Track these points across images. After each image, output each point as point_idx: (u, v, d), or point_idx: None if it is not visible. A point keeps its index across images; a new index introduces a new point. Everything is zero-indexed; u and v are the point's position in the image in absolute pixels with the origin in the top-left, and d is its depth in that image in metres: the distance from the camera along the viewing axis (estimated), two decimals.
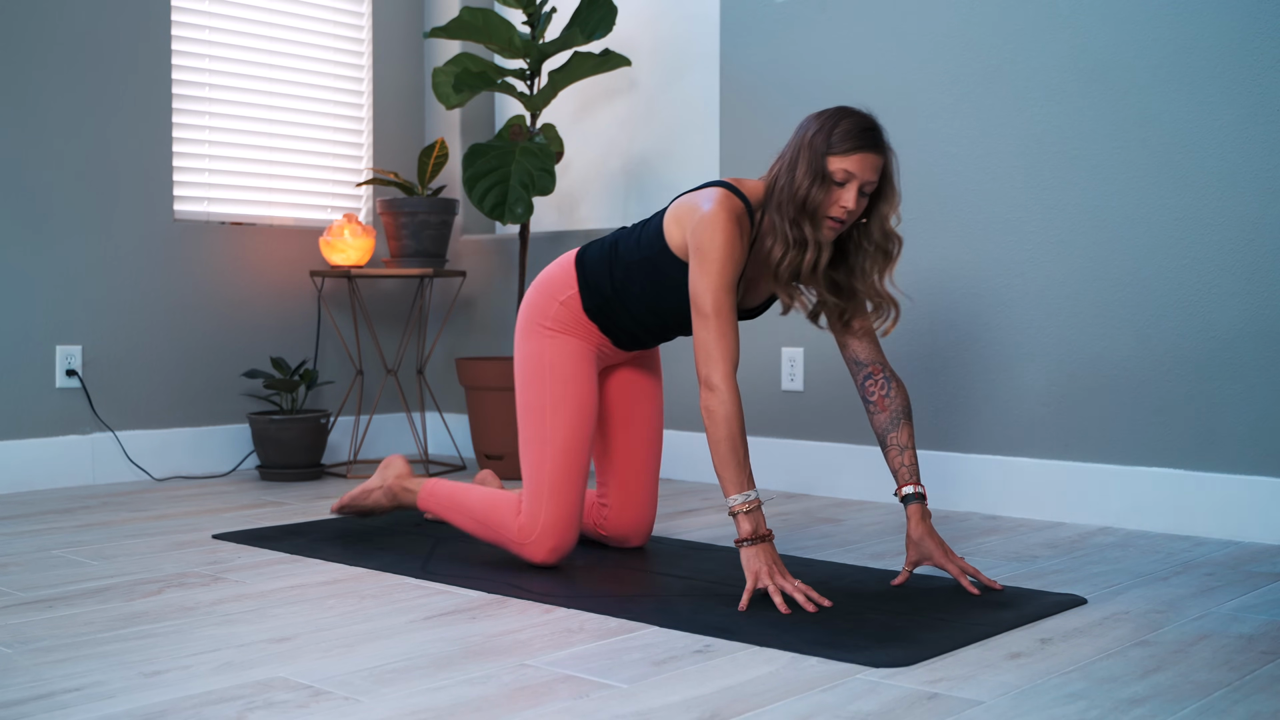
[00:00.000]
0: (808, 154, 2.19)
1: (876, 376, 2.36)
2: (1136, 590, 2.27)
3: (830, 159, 2.17)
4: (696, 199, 2.29)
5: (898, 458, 2.31)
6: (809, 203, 2.18)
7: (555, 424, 2.43)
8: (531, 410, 2.47)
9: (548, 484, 2.41)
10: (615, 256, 2.43)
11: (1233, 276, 2.79)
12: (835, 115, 2.21)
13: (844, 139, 2.17)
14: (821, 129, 2.19)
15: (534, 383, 2.47)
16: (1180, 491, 2.84)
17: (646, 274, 2.38)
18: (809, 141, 2.19)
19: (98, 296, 3.61)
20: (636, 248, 2.40)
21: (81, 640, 1.89)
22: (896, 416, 2.33)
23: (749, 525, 2.12)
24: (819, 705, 1.59)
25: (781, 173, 2.23)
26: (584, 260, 2.48)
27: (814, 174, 2.17)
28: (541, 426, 2.44)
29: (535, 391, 2.46)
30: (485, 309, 4.34)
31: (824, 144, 2.17)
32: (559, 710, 1.57)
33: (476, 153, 3.73)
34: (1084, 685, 1.69)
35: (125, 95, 3.66)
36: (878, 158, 2.19)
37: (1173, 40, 2.86)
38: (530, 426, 2.46)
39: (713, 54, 3.80)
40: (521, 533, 2.42)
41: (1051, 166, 3.03)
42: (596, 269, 2.45)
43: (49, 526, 2.89)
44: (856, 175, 2.17)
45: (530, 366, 2.48)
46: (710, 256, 2.20)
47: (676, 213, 2.33)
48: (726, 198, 2.24)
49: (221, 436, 3.86)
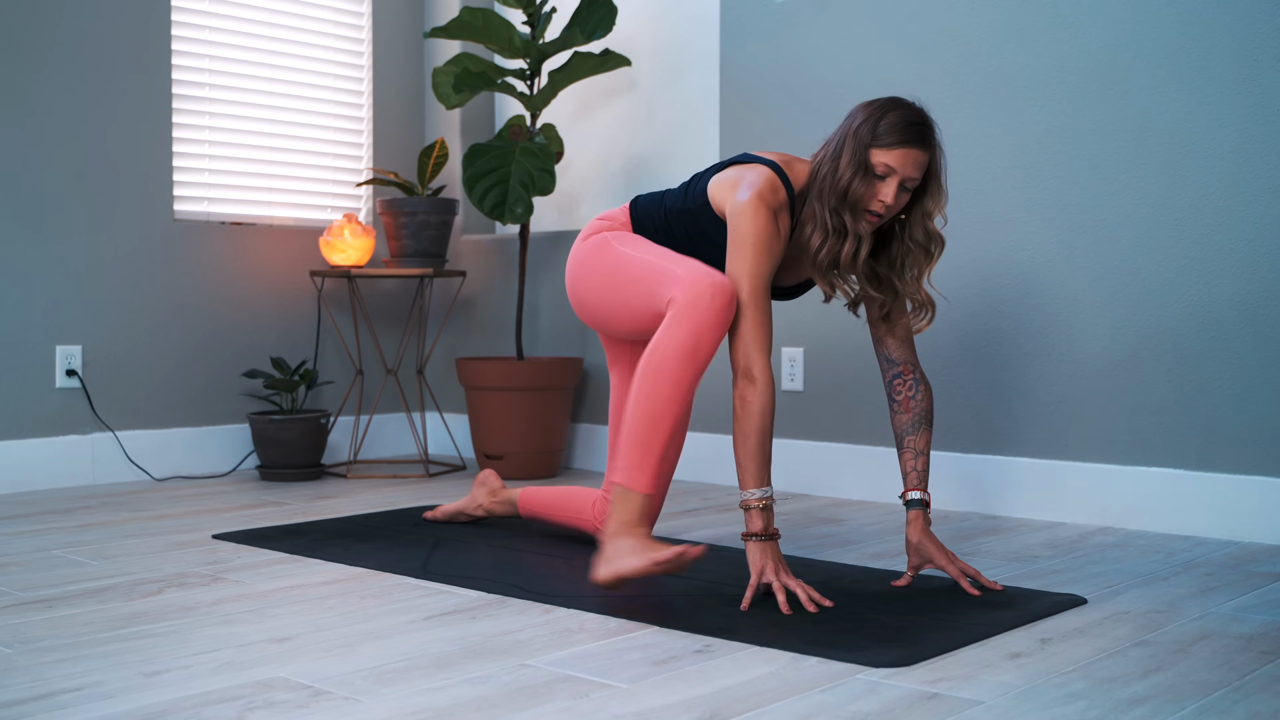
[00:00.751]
0: (852, 144, 2.17)
1: (906, 377, 2.35)
2: (1136, 590, 2.27)
3: (874, 151, 2.14)
4: (743, 175, 2.25)
5: (912, 461, 2.31)
6: (850, 194, 2.16)
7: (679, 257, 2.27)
8: (641, 267, 2.29)
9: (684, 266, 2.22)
10: (664, 203, 2.42)
11: (1233, 276, 2.79)
12: (884, 106, 2.18)
13: (889, 132, 2.14)
14: (868, 119, 2.16)
15: (631, 254, 2.33)
16: (1180, 491, 2.84)
17: (686, 224, 2.37)
18: (854, 131, 2.17)
19: (98, 296, 3.61)
20: (682, 198, 2.38)
21: (81, 640, 1.89)
22: (919, 420, 2.33)
23: (760, 522, 2.12)
24: (819, 705, 1.59)
25: (826, 159, 2.21)
26: (636, 203, 2.48)
27: (857, 165, 2.15)
28: (665, 260, 2.26)
29: (638, 258, 2.31)
30: (485, 309, 4.34)
31: (869, 135, 2.15)
32: (559, 710, 1.57)
33: (476, 153, 3.73)
34: (1084, 685, 1.68)
35: (125, 95, 3.66)
36: (922, 154, 2.17)
37: (1173, 40, 2.86)
38: (647, 275, 2.28)
39: (713, 54, 3.80)
40: (685, 301, 2.14)
41: (1051, 166, 3.03)
42: (648, 210, 2.44)
43: (49, 526, 2.89)
44: (898, 170, 2.15)
45: (612, 252, 2.36)
46: (745, 243, 2.18)
47: (721, 185, 2.29)
48: (771, 188, 2.20)
49: (221, 436, 3.86)
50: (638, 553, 2.08)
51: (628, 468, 2.15)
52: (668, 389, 2.13)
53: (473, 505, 2.90)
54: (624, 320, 2.37)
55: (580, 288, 2.46)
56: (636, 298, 2.29)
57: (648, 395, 2.13)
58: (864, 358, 3.30)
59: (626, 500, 2.15)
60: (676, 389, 2.13)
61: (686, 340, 2.12)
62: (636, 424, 2.14)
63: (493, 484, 2.91)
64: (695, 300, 2.12)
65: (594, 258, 2.41)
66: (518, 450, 3.78)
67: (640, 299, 2.28)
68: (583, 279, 2.44)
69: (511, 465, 3.76)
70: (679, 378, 2.13)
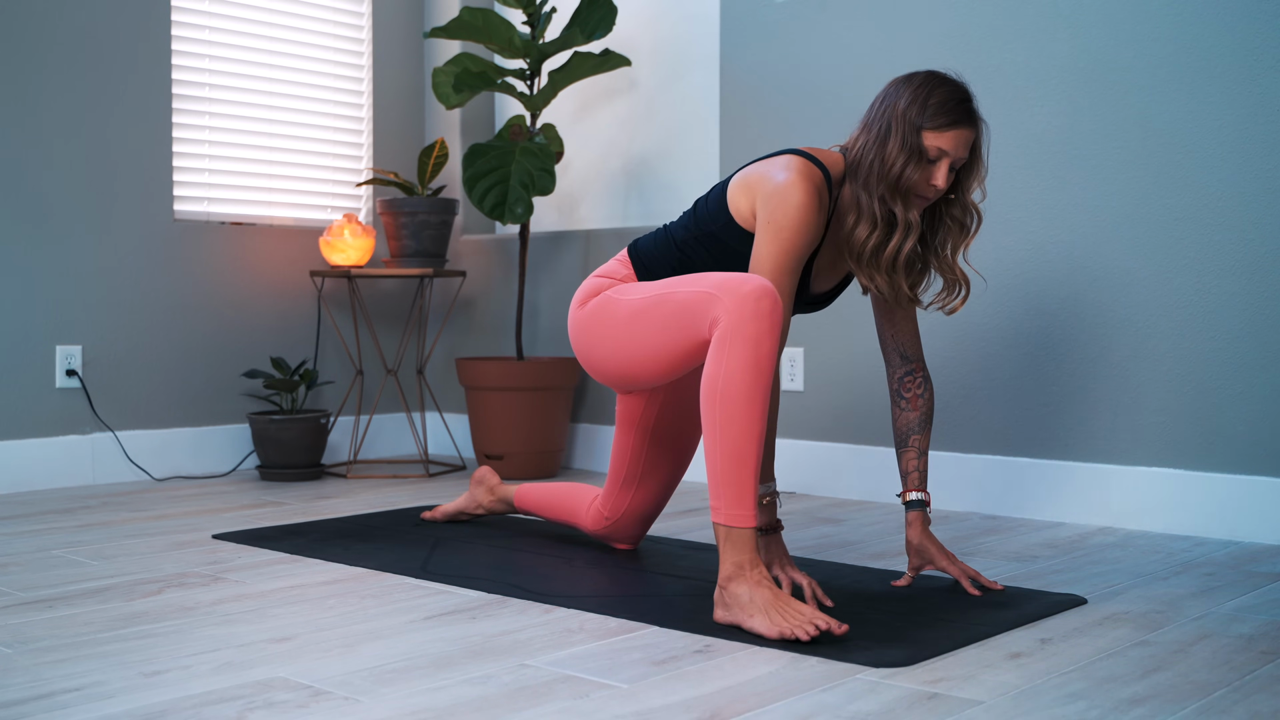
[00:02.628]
0: (901, 127, 2.05)
1: (917, 375, 2.30)
2: (1136, 590, 2.27)
3: (926, 134, 2.04)
4: (769, 166, 2.12)
5: (914, 460, 2.27)
6: (903, 180, 2.05)
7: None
8: (657, 301, 2.14)
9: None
10: (670, 238, 2.28)
11: (1233, 276, 2.79)
12: (928, 84, 2.07)
13: (939, 112, 2.04)
14: (915, 100, 2.05)
15: (644, 298, 2.18)
16: (1180, 491, 2.84)
17: (707, 247, 2.21)
18: (901, 114, 2.05)
19: (98, 296, 3.61)
20: (695, 223, 2.23)
21: (81, 640, 1.89)
22: (924, 419, 2.28)
23: (763, 517, 2.12)
24: (819, 705, 1.59)
25: (869, 146, 2.09)
26: (636, 249, 2.33)
27: (909, 150, 2.04)
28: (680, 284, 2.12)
29: (655, 296, 2.16)
30: (485, 309, 4.34)
31: (919, 117, 2.04)
32: (559, 710, 1.57)
33: (476, 153, 3.73)
34: (1084, 685, 1.68)
35: (125, 95, 3.66)
36: (972, 132, 2.07)
37: (1173, 40, 2.86)
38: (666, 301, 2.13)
39: (713, 54, 3.80)
40: (732, 304, 2.00)
41: (1051, 166, 3.03)
42: (653, 250, 2.29)
43: (49, 526, 2.89)
44: (950, 153, 2.05)
45: (622, 306, 2.22)
46: (782, 225, 2.05)
47: (745, 180, 2.16)
48: (807, 167, 2.08)
49: (221, 436, 3.86)
50: (765, 613, 1.90)
51: (726, 506, 1.96)
52: (742, 414, 1.95)
53: (473, 504, 2.90)
54: (657, 368, 2.19)
55: (595, 352, 2.29)
56: (669, 340, 2.12)
57: (725, 427, 1.95)
58: (864, 358, 3.30)
59: (733, 540, 1.96)
60: (750, 410, 1.95)
61: (747, 359, 1.95)
62: (721, 459, 1.96)
63: (490, 481, 2.91)
64: (741, 313, 1.96)
65: (601, 319, 2.26)
66: (518, 450, 3.78)
67: (675, 339, 2.11)
68: (596, 344, 2.28)
69: (511, 465, 3.76)
70: (750, 398, 1.95)
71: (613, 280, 2.31)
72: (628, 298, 2.22)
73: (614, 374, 2.29)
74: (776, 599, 1.92)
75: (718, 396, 1.96)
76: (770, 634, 1.88)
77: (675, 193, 3.95)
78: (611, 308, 2.24)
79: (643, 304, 2.17)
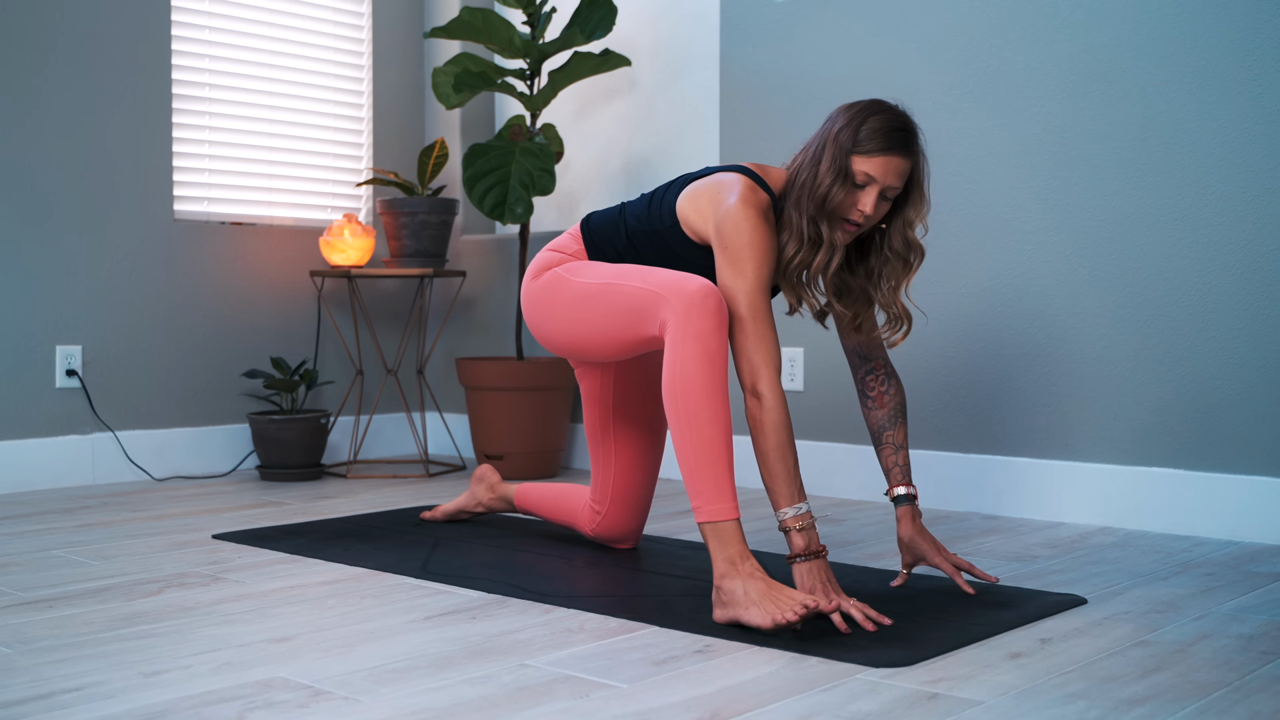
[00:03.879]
0: (832, 149, 2.07)
1: (878, 372, 2.31)
2: (1136, 590, 2.27)
3: (854, 158, 2.06)
4: (720, 188, 2.15)
5: (892, 456, 2.27)
6: (828, 202, 2.07)
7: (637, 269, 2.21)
8: (604, 282, 2.22)
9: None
10: (624, 221, 2.32)
11: (1233, 276, 2.79)
12: (865, 110, 2.09)
13: (870, 138, 2.05)
14: (849, 124, 2.07)
15: (592, 284, 2.24)
16: (1180, 491, 2.84)
17: (654, 246, 2.27)
18: (835, 136, 2.08)
19: (98, 296, 3.61)
20: (646, 218, 2.28)
21: (81, 640, 1.89)
22: (895, 414, 2.28)
23: (802, 541, 2.01)
24: (819, 705, 1.59)
25: (804, 166, 2.12)
26: (589, 224, 2.37)
27: (836, 172, 2.06)
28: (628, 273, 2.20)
29: (603, 285, 2.23)
30: (485, 309, 4.34)
31: (849, 141, 2.06)
32: (559, 710, 1.57)
33: (476, 153, 3.73)
34: (1084, 685, 1.69)
35: (125, 95, 3.66)
36: (904, 162, 2.07)
37: (1173, 40, 2.86)
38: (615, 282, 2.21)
39: (713, 54, 3.80)
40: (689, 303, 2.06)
41: (1051, 166, 3.03)
42: (604, 231, 2.34)
43: (49, 526, 2.89)
44: (878, 180, 2.06)
45: (570, 287, 2.28)
46: (742, 256, 2.08)
47: (695, 198, 2.19)
48: (752, 190, 2.11)
49: (221, 436, 3.86)
50: (759, 604, 1.91)
51: (706, 502, 1.99)
52: (705, 408, 2.00)
53: (473, 503, 2.90)
54: (606, 349, 2.27)
55: (546, 325, 2.36)
56: (616, 328, 2.19)
57: (689, 423, 2.00)
58: None
59: (719, 534, 1.98)
60: (712, 405, 2.00)
61: (698, 354, 2.01)
62: (692, 456, 2.00)
63: (491, 479, 2.91)
64: (687, 313, 2.03)
65: (550, 297, 2.32)
66: (517, 450, 3.78)
67: (622, 328, 2.18)
68: (547, 319, 2.35)
69: (511, 465, 3.76)
70: (709, 391, 2.00)
71: (564, 255, 2.36)
72: (579, 280, 2.27)
73: (564, 348, 2.37)
74: (770, 589, 1.93)
75: (678, 396, 2.02)
76: (765, 624, 1.88)
77: None
78: (562, 286, 2.30)
79: (592, 289, 2.24)
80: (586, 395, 2.55)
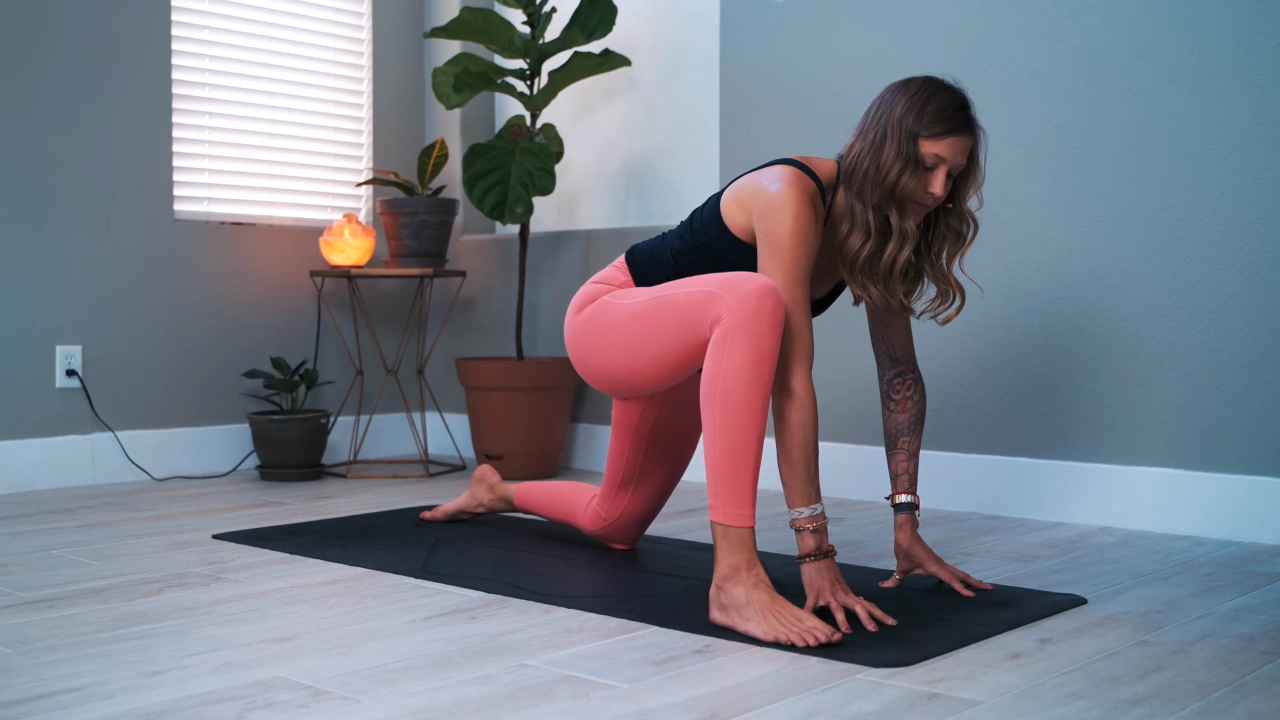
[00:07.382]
0: (897, 134, 2.01)
1: (906, 376, 2.28)
2: (1136, 590, 2.27)
3: (922, 141, 2.00)
4: (762, 178, 2.09)
5: (903, 463, 2.25)
6: (899, 189, 2.01)
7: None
8: (654, 305, 2.13)
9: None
10: (666, 246, 2.25)
11: (1233, 276, 2.79)
12: (925, 90, 2.03)
13: (936, 120, 2.00)
14: (912, 107, 2.01)
15: (642, 301, 2.16)
16: (1180, 491, 2.84)
17: (702, 257, 2.19)
18: (898, 121, 2.01)
19: (98, 296, 3.61)
20: (690, 233, 2.21)
21: (81, 640, 1.89)
22: (915, 422, 2.26)
23: (813, 542, 2.00)
24: (819, 705, 1.59)
25: (864, 154, 2.05)
26: (634, 255, 2.30)
27: (905, 157, 2.00)
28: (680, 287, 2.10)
29: (654, 299, 2.14)
30: (485, 309, 4.34)
31: (915, 124, 2.00)
32: (559, 710, 1.57)
33: (476, 153, 3.73)
34: (1084, 685, 1.69)
35: (125, 95, 3.66)
36: (969, 139, 2.03)
37: (1173, 40, 2.86)
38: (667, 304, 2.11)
39: (713, 54, 3.80)
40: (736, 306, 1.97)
41: (1051, 166, 3.03)
42: (650, 257, 2.27)
43: (49, 526, 2.89)
44: (948, 160, 2.01)
45: (619, 310, 2.20)
46: (783, 244, 2.02)
47: (738, 193, 2.13)
48: (798, 177, 2.05)
49: (221, 436, 3.86)
50: (762, 617, 1.90)
51: (724, 504, 1.95)
52: (742, 413, 1.93)
53: (474, 503, 2.90)
54: (655, 372, 2.16)
55: (592, 357, 2.26)
56: (669, 343, 2.09)
57: (724, 426, 1.94)
58: (865, 358, 3.30)
59: (730, 538, 1.95)
60: (750, 410, 1.93)
61: (747, 357, 1.93)
62: (721, 456, 1.94)
63: (491, 479, 2.90)
64: (743, 311, 1.94)
65: (599, 324, 2.23)
66: (518, 450, 3.78)
67: (675, 341, 2.08)
68: (593, 349, 2.25)
69: (511, 465, 3.76)
70: (750, 398, 1.93)
71: (610, 286, 2.30)
72: (626, 302, 2.20)
73: (611, 379, 2.27)
74: (773, 602, 1.91)
75: (717, 395, 1.95)
76: (765, 638, 1.87)
77: (675, 193, 3.95)
78: (609, 312, 2.22)
79: (642, 307, 2.15)
80: (620, 422, 2.44)
